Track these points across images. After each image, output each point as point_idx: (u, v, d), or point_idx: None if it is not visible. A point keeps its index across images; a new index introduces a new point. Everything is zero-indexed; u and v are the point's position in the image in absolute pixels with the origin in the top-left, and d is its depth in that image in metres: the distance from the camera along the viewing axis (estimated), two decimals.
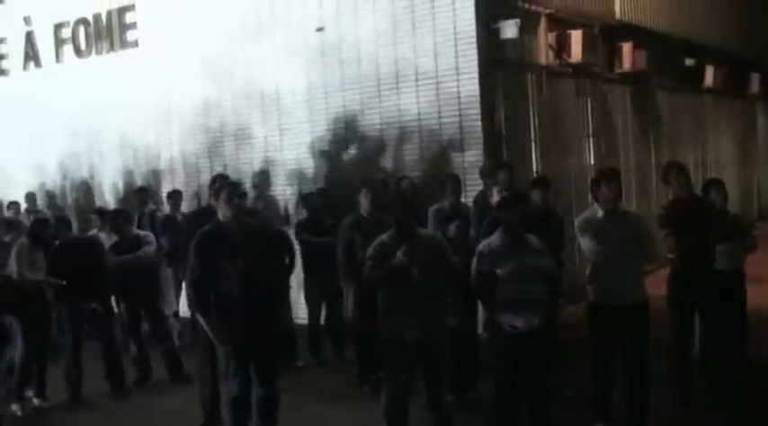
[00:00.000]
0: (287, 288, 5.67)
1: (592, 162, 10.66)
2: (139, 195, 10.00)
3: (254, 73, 9.99)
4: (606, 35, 10.88)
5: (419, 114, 8.76)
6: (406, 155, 8.89)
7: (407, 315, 5.05)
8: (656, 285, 5.87)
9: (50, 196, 12.17)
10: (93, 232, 8.31)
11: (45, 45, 12.43)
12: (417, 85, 8.72)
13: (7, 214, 10.54)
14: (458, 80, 8.49)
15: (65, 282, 7.02)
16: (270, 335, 5.09)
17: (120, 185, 11.49)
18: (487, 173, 7.48)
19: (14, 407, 6.85)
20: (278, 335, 5.30)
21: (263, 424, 5.05)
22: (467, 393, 6.19)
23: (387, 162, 9.00)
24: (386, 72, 8.93)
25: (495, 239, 5.09)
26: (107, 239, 7.99)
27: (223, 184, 5.34)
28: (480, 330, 6.07)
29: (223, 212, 5.04)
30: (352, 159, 9.27)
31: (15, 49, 12.86)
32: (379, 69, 8.98)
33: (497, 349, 5.02)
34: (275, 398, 5.09)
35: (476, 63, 8.39)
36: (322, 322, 7.98)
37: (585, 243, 5.34)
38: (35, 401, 7.02)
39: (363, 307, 6.53)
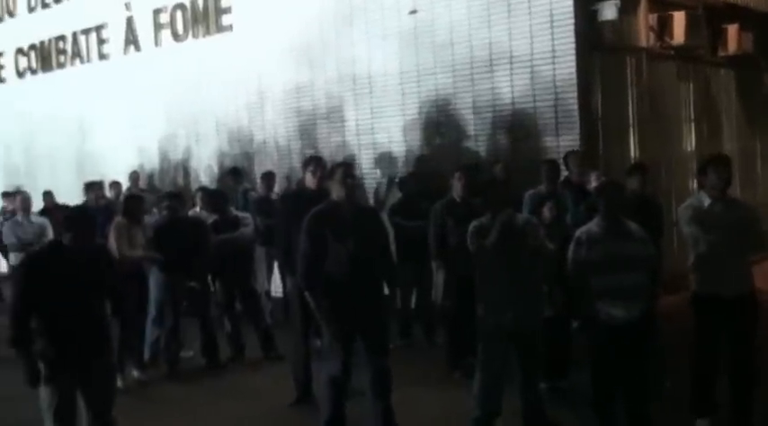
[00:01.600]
0: (394, 269, 5.68)
1: (693, 148, 10.30)
2: (232, 176, 10.20)
3: (346, 56, 10.04)
4: (710, 16, 10.46)
5: (513, 98, 8.63)
6: (499, 140, 8.78)
7: (502, 301, 5.00)
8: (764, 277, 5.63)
9: (150, 176, 12.53)
10: (195, 211, 8.50)
11: (144, 30, 12.78)
12: (512, 69, 8.59)
13: (109, 194, 10.94)
14: (554, 63, 8.32)
15: (163, 258, 7.24)
16: (378, 314, 5.12)
17: (215, 167, 11.74)
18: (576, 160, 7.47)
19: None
20: (386, 315, 5.33)
21: (380, 400, 5.10)
22: (559, 381, 6.09)
23: (480, 146, 8.91)
24: (479, 55, 8.82)
25: (593, 225, 4.96)
26: (206, 219, 8.17)
27: (337, 165, 5.41)
28: (575, 318, 6.02)
29: (336, 192, 5.09)
30: (445, 143, 9.21)
31: (116, 35, 13.28)
32: (472, 52, 8.88)
33: (594, 338, 4.92)
34: (389, 373, 5.13)
35: (573, 46, 8.20)
36: (413, 305, 7.99)
37: (690, 231, 5.14)
38: (135, 373, 7.25)
39: (454, 292, 6.52)
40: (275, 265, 8.96)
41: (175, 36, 12.29)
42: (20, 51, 15.27)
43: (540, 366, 5.39)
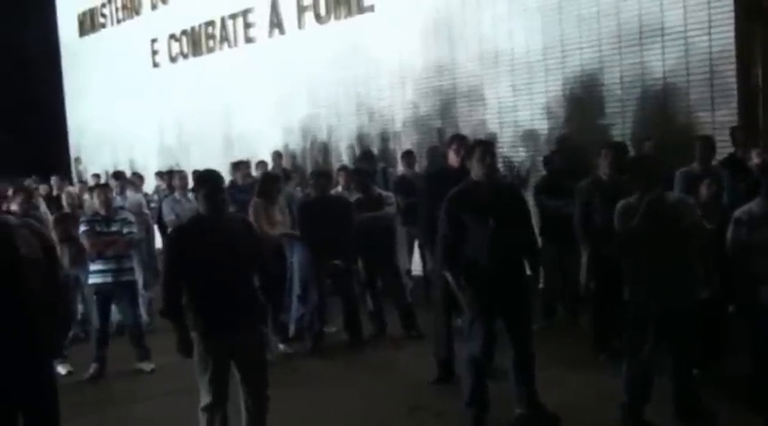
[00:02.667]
0: (537, 249, 5.58)
1: None
2: (365, 160, 10.25)
3: (487, 33, 9.89)
4: None
5: (664, 72, 8.23)
6: (649, 116, 8.42)
7: (653, 283, 4.80)
8: None
9: (293, 156, 12.86)
10: (338, 190, 8.65)
11: (288, 13, 13.07)
12: (663, 41, 8.19)
13: (255, 172, 11.29)
14: (710, 34, 7.86)
15: (305, 236, 7.41)
16: (521, 295, 5.05)
17: (356, 147, 11.89)
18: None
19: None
20: (529, 296, 5.24)
21: (523, 382, 5.07)
22: (713, 368, 5.80)
23: (628, 123, 8.57)
24: (628, 28, 8.46)
25: (753, 206, 4.67)
26: (349, 197, 8.30)
27: (476, 143, 5.32)
28: (732, 302, 5.70)
29: (475, 171, 5.03)
30: (590, 120, 8.92)
31: (261, 19, 13.65)
32: (620, 25, 8.53)
33: (754, 324, 4.65)
34: (532, 358, 5.08)
35: (731, 14, 7.72)
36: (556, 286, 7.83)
37: None
38: (281, 346, 7.48)
39: (600, 274, 6.33)
40: (416, 244, 8.99)
41: (318, 18, 12.50)
42: (172, 37, 16.00)
43: (694, 351, 5.14)
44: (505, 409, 5.17)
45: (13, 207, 7.32)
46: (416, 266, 9.39)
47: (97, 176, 15.52)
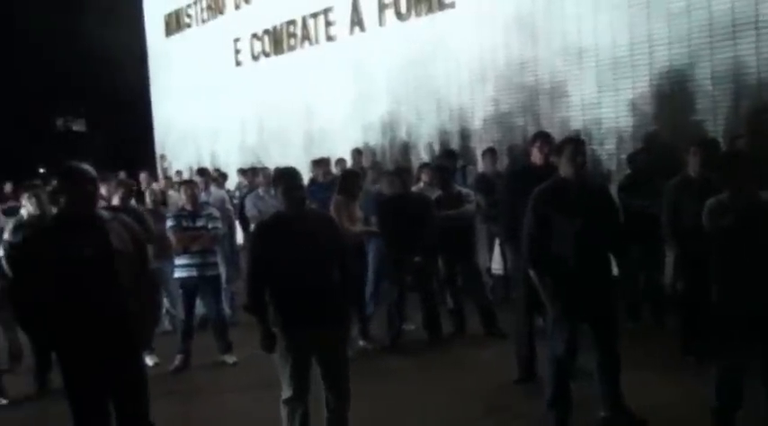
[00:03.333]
0: (624, 249, 5.44)
1: None
2: (447, 158, 10.16)
3: (571, 29, 9.71)
4: None
5: (758, 66, 7.92)
6: (741, 112, 8.11)
7: (744, 284, 4.60)
8: None
9: (373, 154, 12.90)
10: (419, 186, 8.63)
11: (369, 10, 13.11)
12: (758, 34, 7.88)
13: (334, 170, 11.37)
14: None
15: (381, 233, 7.42)
16: (607, 296, 4.94)
17: (436, 144, 11.85)
18: None
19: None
20: (615, 296, 5.12)
21: (608, 384, 4.98)
22: None
23: (719, 119, 8.29)
24: (720, 21, 8.17)
25: None
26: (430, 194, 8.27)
27: (567, 140, 5.21)
28: None
29: (564, 169, 4.94)
30: (679, 117, 8.66)
31: (342, 17, 13.73)
32: (712, 19, 8.25)
33: None
34: (617, 359, 4.98)
35: None
36: (641, 287, 7.64)
37: None
38: (361, 342, 7.50)
39: (688, 274, 6.14)
40: (496, 242, 8.90)
41: (399, 15, 12.50)
42: (254, 36, 16.25)
43: None
44: (588, 411, 5.07)
45: (114, 201, 7.50)
46: (496, 264, 9.30)
47: (180, 173, 15.91)
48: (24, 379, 6.86)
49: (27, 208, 7.08)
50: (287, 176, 4.74)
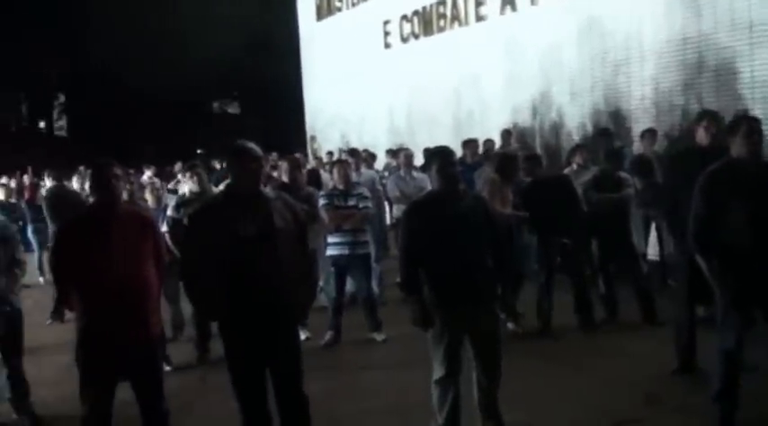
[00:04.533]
0: None
1: None
2: (602, 137, 9.84)
3: (740, 1, 9.11)
4: None
5: None
6: None
7: None
8: None
9: (522, 134, 12.68)
10: (572, 168, 8.37)
11: None
12: None
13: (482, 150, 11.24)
14: None
15: (529, 215, 7.27)
16: None
17: (589, 125, 11.48)
18: None
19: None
20: None
21: None
22: None
23: None
24: None
25: None
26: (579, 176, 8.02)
27: (742, 118, 4.89)
28: None
29: (737, 148, 4.62)
30: None
31: None
32: None
33: None
34: None
35: None
36: None
37: None
38: (510, 325, 7.38)
39: None
40: (652, 227, 8.52)
41: None
42: (404, 18, 16.29)
43: None
44: (755, 407, 4.75)
45: (284, 178, 7.67)
46: (652, 250, 8.92)
47: (330, 154, 16.24)
48: (186, 348, 7.21)
49: (189, 185, 7.42)
50: (441, 154, 4.71)
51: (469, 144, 10.73)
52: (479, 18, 13.98)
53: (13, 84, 33.31)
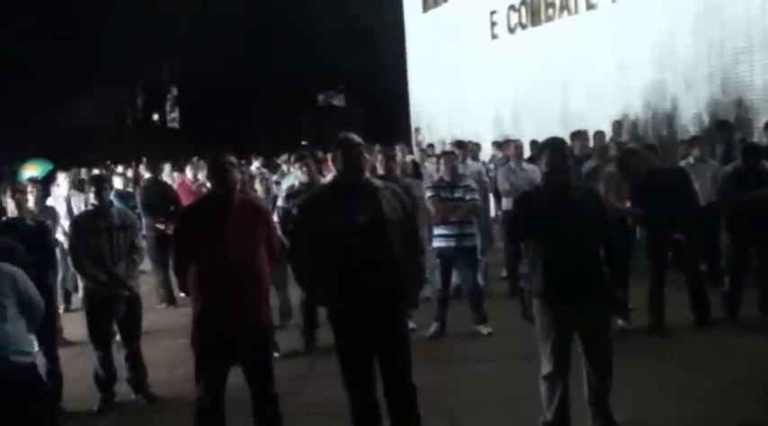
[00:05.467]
0: None
1: None
2: (720, 130, 9.43)
3: None
4: None
5: None
6: None
7: None
8: None
9: (634, 126, 12.31)
10: (689, 161, 8.05)
11: None
12: None
13: (591, 144, 10.94)
14: None
15: (642, 209, 7.03)
16: None
17: (705, 116, 11.03)
18: None
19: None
20: None
21: None
22: None
23: None
24: None
25: None
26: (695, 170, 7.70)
27: None
28: None
29: None
30: None
31: None
32: None
33: None
34: None
35: None
36: None
37: None
38: (620, 322, 7.17)
39: None
40: None
41: None
42: (511, 8, 16.08)
43: None
44: None
45: (380, 170, 7.70)
46: None
47: (433, 146, 16.22)
48: (293, 336, 7.34)
49: (298, 176, 7.53)
50: (552, 147, 4.61)
51: (578, 136, 10.46)
52: (590, 6, 13.64)
53: (130, 80, 34.70)
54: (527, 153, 11.67)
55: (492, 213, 10.99)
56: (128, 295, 5.96)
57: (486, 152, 13.53)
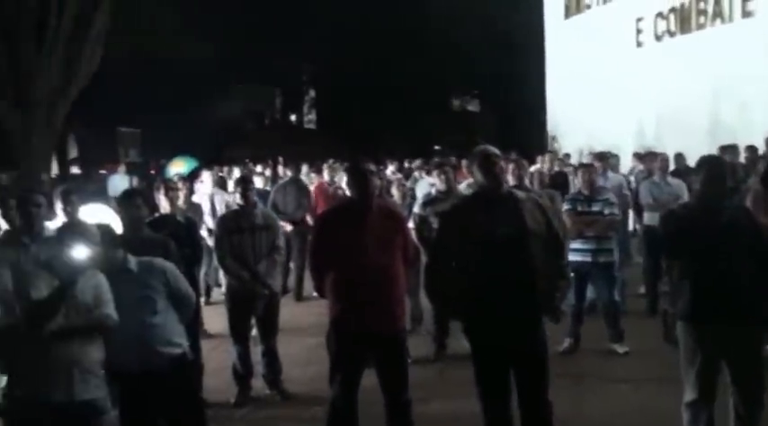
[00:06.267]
0: None
1: None
2: None
3: None
4: None
5: None
6: None
7: None
8: None
9: None
10: None
11: None
12: None
13: (742, 159, 10.41)
14: None
15: None
16: None
17: None
18: None
19: None
20: None
21: None
22: None
23: None
24: None
25: None
26: None
27: None
28: None
29: None
30: None
31: None
32: None
33: None
34: None
35: None
36: None
37: None
38: None
39: None
40: None
41: None
42: (659, 15, 15.53)
43: None
44: None
45: (511, 180, 7.62)
46: None
47: (568, 155, 15.89)
48: (423, 342, 7.35)
49: (435, 183, 7.55)
50: (710, 164, 4.44)
51: (728, 150, 9.99)
52: (746, 14, 13.00)
53: (270, 80, 35.83)
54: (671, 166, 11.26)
55: (630, 227, 10.62)
56: (267, 293, 6.15)
57: (626, 163, 13.10)
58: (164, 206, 6.58)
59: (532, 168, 11.79)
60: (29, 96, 14.10)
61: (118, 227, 7.90)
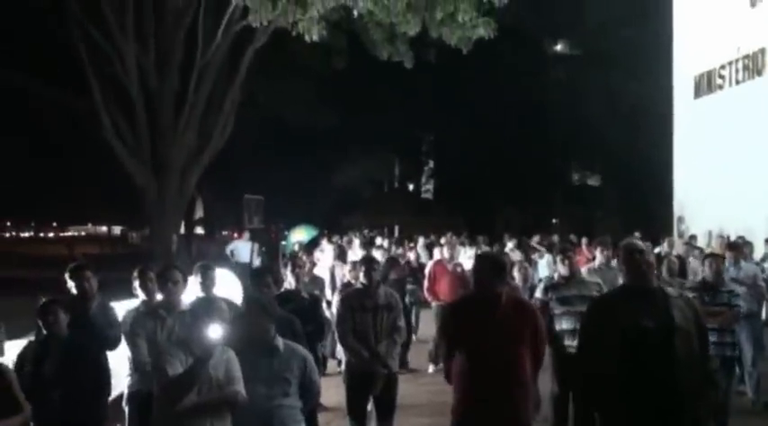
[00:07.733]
0: None
1: None
2: None
3: None
4: None
5: None
6: None
7: None
8: None
9: None
10: None
11: None
12: None
13: None
14: None
15: None
16: None
17: None
18: None
19: None
20: None
21: None
22: None
23: None
24: None
25: None
26: None
27: None
28: None
29: None
30: None
31: None
32: None
33: None
34: None
35: None
36: None
37: None
38: None
39: None
40: None
41: None
42: None
43: None
44: None
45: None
46: None
47: (694, 237, 15.32)
48: None
49: (558, 269, 7.39)
50: None
51: None
52: None
53: (391, 149, 36.41)
54: None
55: (763, 315, 10.07)
56: (386, 372, 6.14)
57: (759, 249, 12.49)
58: (289, 280, 6.74)
59: (656, 249, 11.45)
60: (165, 163, 15.02)
61: (239, 293, 8.15)
